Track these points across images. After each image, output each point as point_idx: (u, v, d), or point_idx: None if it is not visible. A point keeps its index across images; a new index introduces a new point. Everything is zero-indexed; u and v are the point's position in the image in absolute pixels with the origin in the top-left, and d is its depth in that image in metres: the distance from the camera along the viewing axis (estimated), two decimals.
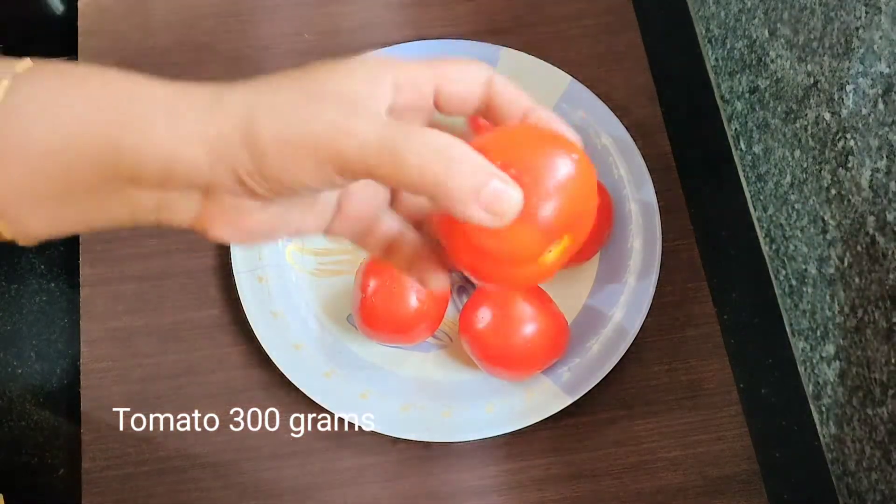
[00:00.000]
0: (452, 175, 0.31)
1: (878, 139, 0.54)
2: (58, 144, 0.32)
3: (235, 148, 0.32)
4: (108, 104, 0.33)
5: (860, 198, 0.56)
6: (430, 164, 0.31)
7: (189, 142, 0.32)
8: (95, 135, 0.33)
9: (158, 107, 0.33)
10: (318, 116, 0.32)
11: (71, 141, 0.32)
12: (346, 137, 0.31)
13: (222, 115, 0.32)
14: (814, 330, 0.63)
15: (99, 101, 0.33)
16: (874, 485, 0.57)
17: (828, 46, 0.58)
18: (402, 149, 0.31)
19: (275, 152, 0.32)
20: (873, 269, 0.55)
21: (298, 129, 0.32)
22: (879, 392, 0.56)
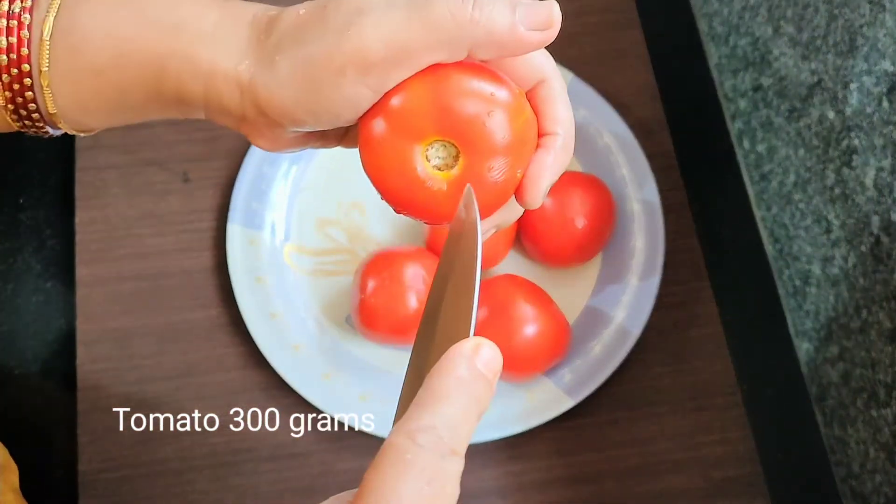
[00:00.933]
0: (486, 13, 0.32)
1: (883, 138, 0.54)
2: (109, 64, 0.35)
3: (262, 92, 0.34)
4: (156, 26, 0.35)
5: (864, 197, 0.56)
6: (461, 16, 0.32)
7: (226, 79, 0.34)
8: (143, 60, 0.35)
9: (204, 37, 0.35)
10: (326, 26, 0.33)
11: (121, 61, 0.35)
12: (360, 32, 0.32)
13: (256, 56, 0.34)
14: (818, 331, 0.62)
15: (148, 23, 0.35)
16: (878, 487, 0.57)
17: (832, 44, 0.58)
18: (426, 12, 0.32)
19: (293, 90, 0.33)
20: (878, 269, 0.55)
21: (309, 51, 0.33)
22: (884, 393, 0.55)
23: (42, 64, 0.35)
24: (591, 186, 0.66)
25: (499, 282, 0.63)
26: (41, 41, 0.35)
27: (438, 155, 0.34)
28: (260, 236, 0.67)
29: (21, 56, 0.35)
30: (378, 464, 0.28)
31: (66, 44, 0.35)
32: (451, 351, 0.30)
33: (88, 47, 0.35)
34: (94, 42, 0.35)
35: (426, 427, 0.29)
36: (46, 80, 0.35)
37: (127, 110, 0.37)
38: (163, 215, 0.69)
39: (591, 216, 0.64)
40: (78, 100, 0.36)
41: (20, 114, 0.36)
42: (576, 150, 0.71)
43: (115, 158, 0.70)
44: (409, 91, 0.33)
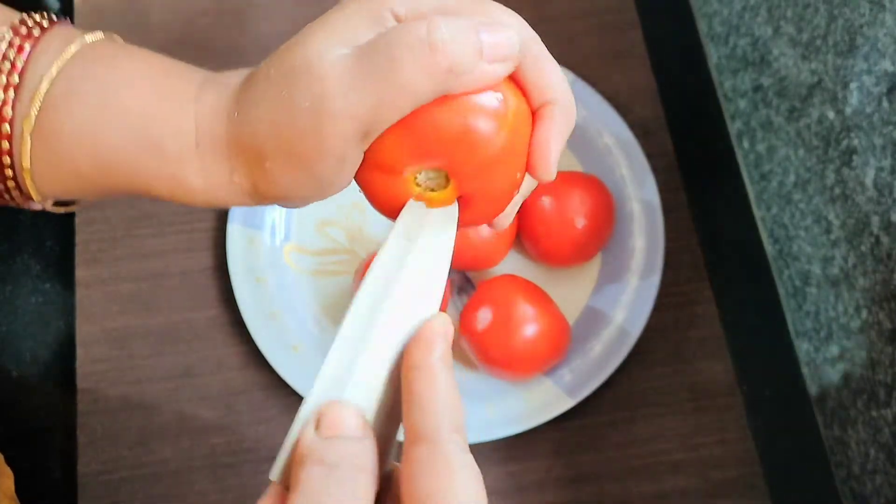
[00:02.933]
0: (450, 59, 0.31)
1: (883, 138, 0.54)
2: (95, 170, 0.35)
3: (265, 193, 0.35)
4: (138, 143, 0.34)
5: (864, 197, 0.56)
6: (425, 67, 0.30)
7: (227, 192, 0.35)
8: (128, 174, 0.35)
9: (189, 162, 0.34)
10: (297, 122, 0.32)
11: (105, 171, 0.35)
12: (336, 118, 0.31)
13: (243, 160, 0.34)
14: (817, 331, 0.62)
15: (130, 136, 0.34)
16: (878, 488, 0.57)
17: (832, 44, 0.58)
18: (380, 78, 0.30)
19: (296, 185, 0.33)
20: (878, 269, 0.55)
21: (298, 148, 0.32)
22: (884, 394, 0.55)
23: (24, 160, 0.34)
24: (590, 186, 0.66)
25: (499, 282, 0.63)
26: (22, 137, 0.34)
27: (429, 177, 0.34)
28: (260, 236, 0.67)
29: (2, 149, 0.34)
30: (424, 467, 0.28)
31: (48, 144, 0.34)
32: (431, 328, 0.30)
33: (71, 152, 0.34)
34: (75, 147, 0.34)
35: (453, 423, 0.29)
36: (28, 175, 0.35)
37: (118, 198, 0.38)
38: (163, 215, 0.69)
39: (590, 216, 0.64)
40: (63, 191, 0.36)
41: (4, 198, 0.36)
42: (576, 150, 0.72)
43: None
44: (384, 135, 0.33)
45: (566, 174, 0.67)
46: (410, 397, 0.29)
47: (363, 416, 0.29)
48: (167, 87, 0.35)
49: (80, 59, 0.35)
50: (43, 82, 0.34)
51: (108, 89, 0.35)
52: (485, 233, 0.64)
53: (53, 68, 0.34)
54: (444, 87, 0.31)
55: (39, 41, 0.34)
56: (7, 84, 0.34)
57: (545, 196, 0.65)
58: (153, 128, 0.34)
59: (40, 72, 0.34)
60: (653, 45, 0.76)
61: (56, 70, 0.34)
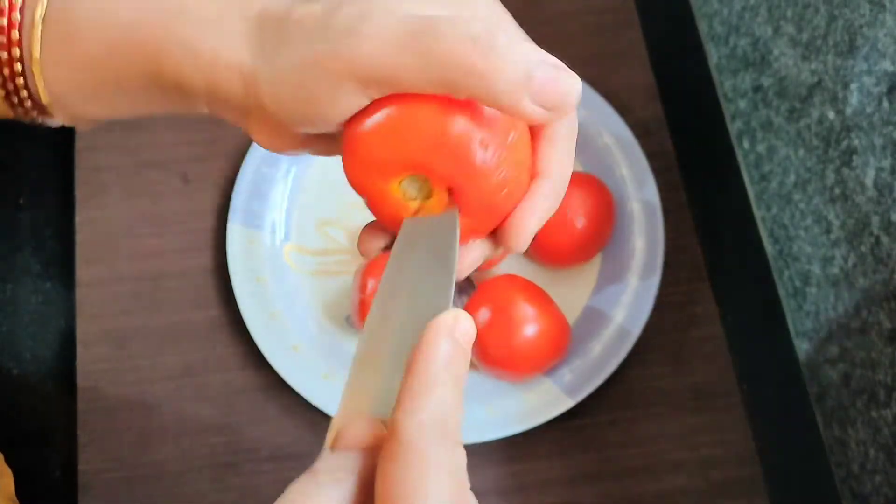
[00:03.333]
0: (494, 64, 0.28)
1: (883, 138, 0.54)
2: (105, 52, 0.33)
3: (262, 84, 0.32)
4: (156, 10, 0.33)
5: (864, 197, 0.56)
6: (467, 55, 0.28)
7: (229, 70, 0.32)
8: (140, 48, 0.33)
9: (206, 24, 0.33)
10: (330, 30, 0.30)
11: (117, 48, 0.33)
12: (357, 46, 0.29)
13: (261, 49, 0.32)
14: (817, 331, 0.62)
15: (147, 6, 0.33)
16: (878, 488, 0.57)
17: (832, 44, 0.58)
18: (426, 43, 0.29)
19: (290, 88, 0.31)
20: (878, 269, 0.55)
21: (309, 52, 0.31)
22: (884, 394, 0.55)
23: (34, 50, 0.33)
24: (591, 186, 0.66)
25: (499, 282, 0.63)
26: (33, 25, 0.33)
27: (413, 187, 0.33)
28: (260, 236, 0.67)
29: (11, 40, 0.33)
30: (396, 465, 0.27)
31: (59, 29, 0.33)
32: (434, 324, 0.29)
33: (83, 33, 0.33)
34: (89, 28, 0.33)
35: (433, 419, 0.28)
36: (38, 66, 0.34)
37: (125, 99, 0.35)
38: (162, 216, 0.69)
39: (591, 216, 0.64)
40: (73, 87, 0.35)
41: (12, 100, 0.35)
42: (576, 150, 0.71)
43: (115, 159, 0.70)
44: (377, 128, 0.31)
45: None
46: (398, 395, 0.29)
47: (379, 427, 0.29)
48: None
49: None
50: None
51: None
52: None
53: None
54: (470, 90, 0.29)
55: None
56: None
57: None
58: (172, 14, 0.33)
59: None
60: (653, 45, 0.76)
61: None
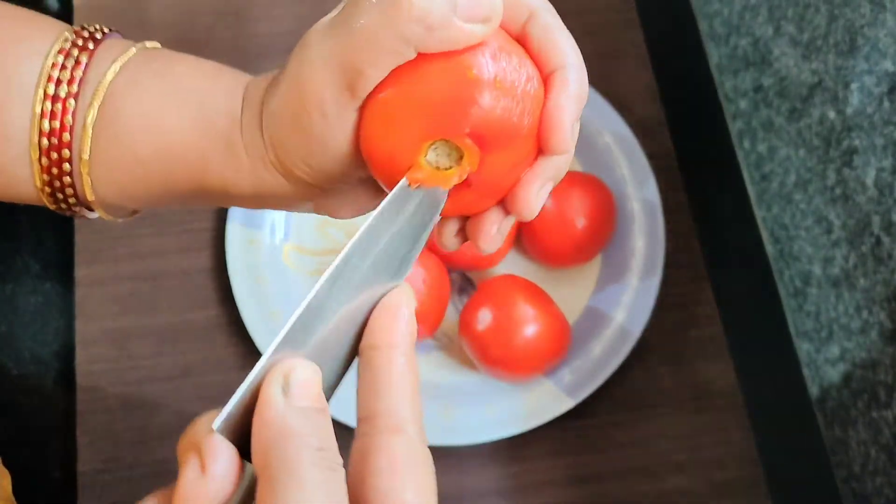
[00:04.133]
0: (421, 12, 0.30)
1: (884, 138, 0.54)
2: (153, 156, 0.35)
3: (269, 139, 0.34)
4: (202, 121, 0.35)
5: (865, 197, 0.56)
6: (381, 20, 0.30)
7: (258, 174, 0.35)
8: (189, 153, 0.35)
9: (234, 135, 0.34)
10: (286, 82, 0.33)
11: (168, 155, 0.35)
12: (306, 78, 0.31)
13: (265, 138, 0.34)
14: (818, 331, 0.62)
15: (195, 114, 0.35)
16: (879, 488, 0.57)
17: (832, 44, 0.58)
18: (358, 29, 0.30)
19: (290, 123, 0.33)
20: (878, 269, 0.55)
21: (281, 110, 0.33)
22: (885, 394, 0.55)
23: (83, 151, 0.35)
24: (591, 186, 0.66)
25: (499, 282, 0.63)
26: (84, 128, 0.34)
27: (439, 155, 0.32)
28: (260, 236, 0.67)
29: (62, 141, 0.34)
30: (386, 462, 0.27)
31: (109, 133, 0.35)
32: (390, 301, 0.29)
33: (132, 137, 0.35)
34: (137, 132, 0.35)
35: (408, 417, 0.28)
36: (87, 167, 0.35)
37: (170, 199, 0.37)
38: (162, 215, 0.69)
39: (591, 216, 0.64)
40: (119, 188, 0.36)
41: (56, 197, 0.36)
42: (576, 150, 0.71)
43: None
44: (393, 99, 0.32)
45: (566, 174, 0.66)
46: (371, 377, 0.28)
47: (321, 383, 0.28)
48: (221, 77, 0.36)
49: (140, 57, 0.36)
50: (107, 75, 0.35)
51: (168, 78, 0.36)
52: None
53: (117, 64, 0.35)
54: (417, 41, 0.30)
55: (101, 43, 0.36)
56: (72, 78, 0.35)
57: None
58: (208, 108, 0.35)
59: (103, 67, 0.35)
60: (653, 45, 0.76)
61: (119, 65, 0.35)
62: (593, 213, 0.65)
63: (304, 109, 0.32)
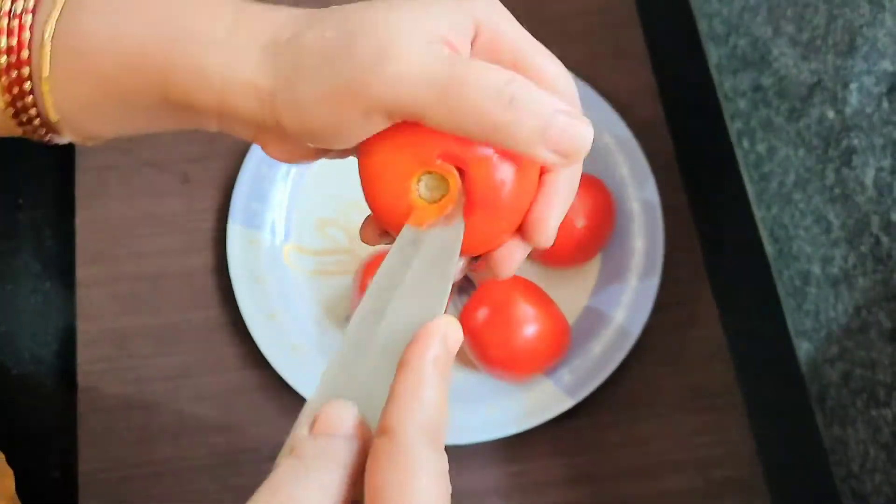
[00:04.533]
0: (515, 117, 0.30)
1: (883, 138, 0.54)
2: (114, 70, 0.34)
3: (282, 107, 0.33)
4: (163, 32, 0.34)
5: (864, 197, 0.56)
6: (490, 107, 0.30)
7: (244, 90, 0.33)
8: (148, 68, 0.34)
9: (215, 46, 0.33)
10: (355, 60, 0.31)
11: (125, 68, 0.34)
12: (387, 81, 0.31)
13: (277, 73, 0.33)
14: (817, 331, 0.62)
15: (158, 20, 0.34)
16: (878, 487, 0.57)
17: (832, 44, 0.58)
18: (455, 90, 0.30)
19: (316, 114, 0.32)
20: (877, 269, 0.55)
21: (336, 82, 0.32)
22: (884, 393, 0.55)
23: (43, 69, 0.34)
24: (590, 186, 0.66)
25: (499, 282, 0.63)
26: (42, 44, 0.34)
27: (429, 187, 0.34)
28: (260, 236, 0.67)
29: (21, 59, 0.34)
30: (391, 464, 0.28)
31: (68, 47, 0.34)
32: (429, 328, 0.29)
33: (92, 52, 0.34)
34: (97, 47, 0.34)
35: (427, 423, 0.28)
36: (47, 85, 0.34)
37: (134, 116, 0.36)
38: (163, 215, 0.69)
39: (591, 216, 0.64)
40: (81, 104, 0.35)
41: (21, 119, 0.35)
42: None
43: (114, 159, 0.70)
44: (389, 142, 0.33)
45: None
46: (391, 392, 0.29)
47: (361, 417, 0.29)
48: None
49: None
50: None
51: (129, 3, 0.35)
52: None
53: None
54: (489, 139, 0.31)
55: None
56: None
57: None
58: (185, 15, 0.34)
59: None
60: (653, 45, 0.76)
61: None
62: (593, 213, 0.65)
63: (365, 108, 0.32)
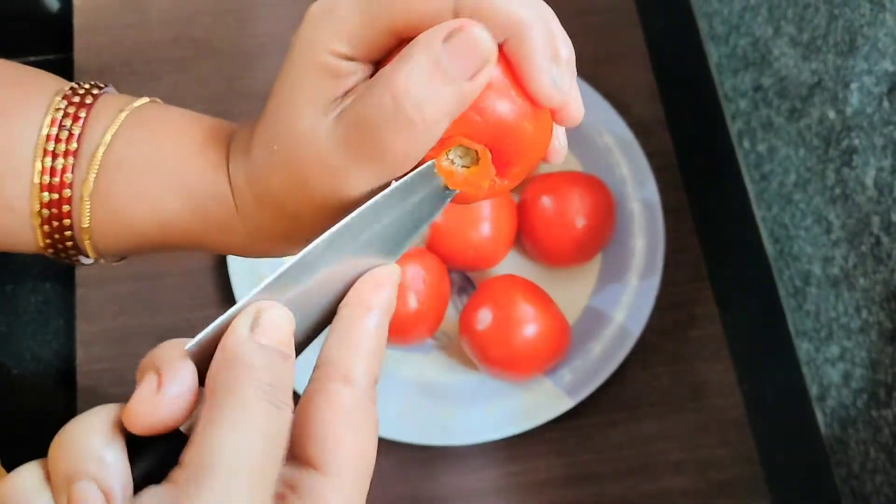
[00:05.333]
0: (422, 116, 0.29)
1: (883, 138, 0.54)
2: (150, 231, 0.36)
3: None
4: (193, 203, 0.35)
5: (865, 197, 0.56)
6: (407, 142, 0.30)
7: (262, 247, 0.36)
8: (185, 233, 0.36)
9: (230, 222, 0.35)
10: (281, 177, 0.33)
11: (165, 232, 0.36)
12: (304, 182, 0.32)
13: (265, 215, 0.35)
14: (818, 331, 0.62)
15: (186, 193, 0.35)
16: (879, 487, 0.57)
17: (832, 44, 0.58)
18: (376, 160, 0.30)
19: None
20: (878, 269, 0.55)
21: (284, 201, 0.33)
22: (884, 394, 0.55)
23: (83, 221, 0.35)
24: (590, 186, 0.66)
25: (499, 282, 0.63)
26: (81, 200, 0.35)
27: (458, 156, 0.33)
28: None
29: (62, 212, 0.35)
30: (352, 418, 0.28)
31: (105, 206, 0.35)
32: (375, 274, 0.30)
33: (127, 213, 0.36)
34: (133, 210, 0.35)
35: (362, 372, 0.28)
36: (87, 234, 0.36)
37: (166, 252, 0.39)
38: None
39: (591, 216, 0.64)
40: (119, 249, 0.37)
41: (59, 255, 0.37)
42: (576, 150, 0.71)
43: None
44: None
45: (566, 174, 0.67)
46: (338, 330, 0.29)
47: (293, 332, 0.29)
48: (206, 151, 0.36)
49: (129, 125, 0.37)
50: (99, 149, 0.35)
51: (155, 159, 0.36)
52: (485, 232, 0.64)
53: (108, 135, 0.36)
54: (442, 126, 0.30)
55: (92, 109, 0.36)
56: (66, 151, 0.35)
57: (545, 196, 0.65)
58: (198, 194, 0.35)
59: (96, 139, 0.36)
60: (653, 45, 0.76)
61: (110, 136, 0.36)
62: (593, 213, 0.65)
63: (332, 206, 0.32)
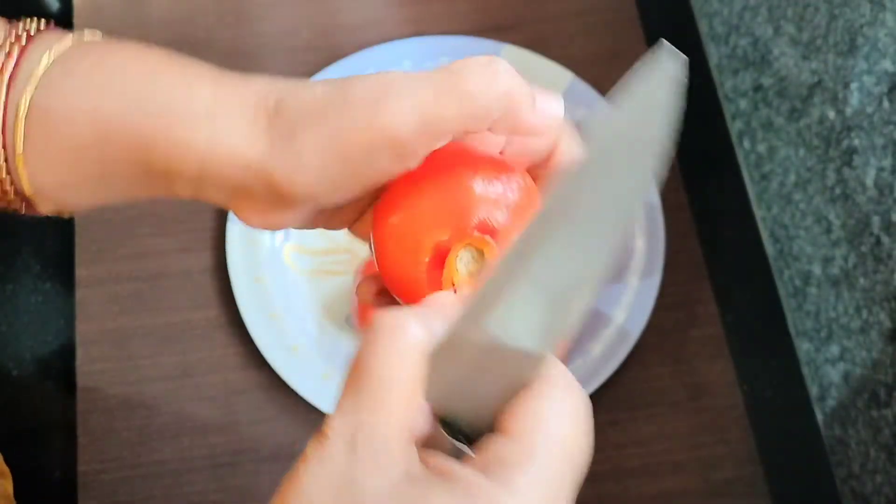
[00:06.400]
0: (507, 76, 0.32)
1: (884, 138, 0.54)
2: (93, 139, 0.34)
3: (280, 171, 0.32)
4: (142, 108, 0.33)
5: (865, 197, 0.56)
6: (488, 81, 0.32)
7: (229, 163, 0.33)
8: (128, 140, 0.33)
9: (196, 119, 0.33)
10: (353, 104, 0.32)
11: (103, 141, 0.34)
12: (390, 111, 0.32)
13: (268, 136, 0.33)
14: (818, 331, 0.62)
15: (138, 96, 0.34)
16: (879, 487, 0.57)
17: (832, 44, 0.58)
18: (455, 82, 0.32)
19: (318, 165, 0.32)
20: (878, 269, 0.55)
21: (338, 125, 0.32)
22: (884, 394, 0.55)
23: (17, 145, 0.34)
24: None
25: None
26: (16, 120, 0.33)
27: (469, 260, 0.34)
28: (260, 236, 0.67)
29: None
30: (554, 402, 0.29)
31: (44, 122, 0.34)
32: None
33: (68, 126, 0.34)
34: (74, 121, 0.34)
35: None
36: (21, 161, 0.34)
37: (109, 189, 0.36)
38: (163, 215, 0.69)
39: None
40: (56, 179, 0.35)
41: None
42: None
43: None
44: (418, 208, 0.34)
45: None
46: None
47: None
48: (178, 63, 0.35)
49: (78, 47, 0.35)
50: (39, 66, 0.34)
51: (110, 65, 0.34)
52: None
53: (50, 54, 0.34)
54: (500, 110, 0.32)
55: (36, 37, 0.35)
56: (2, 69, 0.34)
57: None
58: (164, 90, 0.34)
59: (35, 60, 0.34)
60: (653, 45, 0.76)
61: (53, 56, 0.34)
62: None
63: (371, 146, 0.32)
